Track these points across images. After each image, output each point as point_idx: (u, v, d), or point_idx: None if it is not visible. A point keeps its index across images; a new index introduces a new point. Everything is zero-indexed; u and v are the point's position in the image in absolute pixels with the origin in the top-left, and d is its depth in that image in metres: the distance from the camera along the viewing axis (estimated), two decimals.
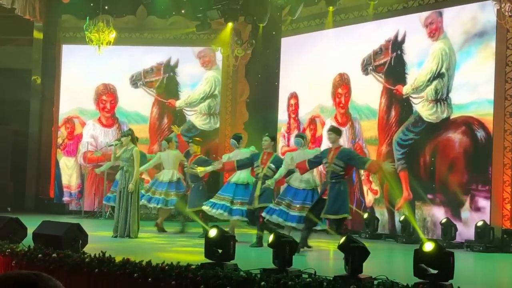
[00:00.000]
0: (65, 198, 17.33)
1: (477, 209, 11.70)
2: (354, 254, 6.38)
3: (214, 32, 16.53)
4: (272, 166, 10.73)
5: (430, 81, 12.77)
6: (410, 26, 13.28)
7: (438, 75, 12.66)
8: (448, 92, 12.47)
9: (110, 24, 15.30)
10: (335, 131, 10.02)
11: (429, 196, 12.49)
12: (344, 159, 9.67)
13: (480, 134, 11.86)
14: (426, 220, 12.53)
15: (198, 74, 17.20)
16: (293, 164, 10.36)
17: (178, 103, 17.19)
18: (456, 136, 12.25)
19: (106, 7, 16.55)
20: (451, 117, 12.36)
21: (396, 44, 13.54)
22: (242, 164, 11.09)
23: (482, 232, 11.14)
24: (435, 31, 12.85)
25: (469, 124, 12.07)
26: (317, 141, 14.92)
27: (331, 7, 14.12)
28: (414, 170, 12.88)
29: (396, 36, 13.57)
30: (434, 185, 12.50)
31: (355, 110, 14.33)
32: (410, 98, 13.09)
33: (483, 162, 11.75)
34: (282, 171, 10.48)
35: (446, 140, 12.38)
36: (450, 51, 12.53)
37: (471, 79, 12.15)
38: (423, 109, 12.81)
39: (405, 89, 13.21)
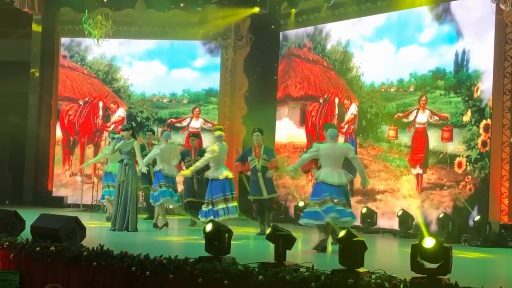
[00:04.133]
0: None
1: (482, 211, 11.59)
2: (353, 248, 6.38)
3: (213, 26, 16.51)
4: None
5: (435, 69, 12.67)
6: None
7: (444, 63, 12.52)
8: (456, 82, 12.26)
9: (108, 17, 15.31)
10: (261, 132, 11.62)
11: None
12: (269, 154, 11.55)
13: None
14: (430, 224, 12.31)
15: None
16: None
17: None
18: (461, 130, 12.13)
19: (105, 0, 16.51)
20: (456, 110, 12.25)
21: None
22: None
23: (480, 226, 11.15)
24: (441, 13, 12.69)
25: (476, 116, 11.88)
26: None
27: (326, 4, 14.16)
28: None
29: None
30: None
31: None
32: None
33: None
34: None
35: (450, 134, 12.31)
36: (458, 36, 12.30)
37: (479, 68, 11.92)
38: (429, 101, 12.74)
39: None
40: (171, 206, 13.82)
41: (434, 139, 12.58)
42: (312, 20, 15.25)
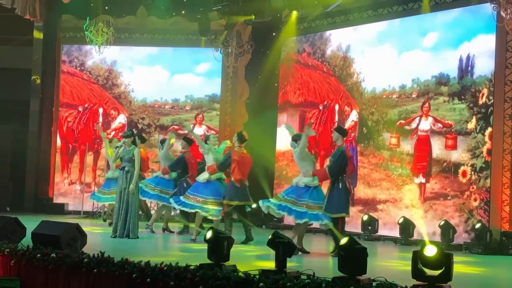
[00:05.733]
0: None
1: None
2: (354, 255, 6.37)
3: (215, 33, 16.53)
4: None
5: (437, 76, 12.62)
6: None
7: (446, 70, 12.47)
8: (460, 88, 12.18)
9: (110, 24, 15.34)
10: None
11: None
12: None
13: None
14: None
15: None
16: None
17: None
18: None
19: (106, 7, 16.54)
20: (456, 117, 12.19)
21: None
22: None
23: (480, 234, 11.13)
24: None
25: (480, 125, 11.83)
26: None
27: (323, 9, 14.16)
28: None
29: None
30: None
31: None
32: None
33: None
34: None
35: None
36: (462, 41, 12.22)
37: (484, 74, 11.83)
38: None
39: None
40: (172, 213, 13.79)
41: (437, 147, 12.43)
42: (314, 27, 15.22)
